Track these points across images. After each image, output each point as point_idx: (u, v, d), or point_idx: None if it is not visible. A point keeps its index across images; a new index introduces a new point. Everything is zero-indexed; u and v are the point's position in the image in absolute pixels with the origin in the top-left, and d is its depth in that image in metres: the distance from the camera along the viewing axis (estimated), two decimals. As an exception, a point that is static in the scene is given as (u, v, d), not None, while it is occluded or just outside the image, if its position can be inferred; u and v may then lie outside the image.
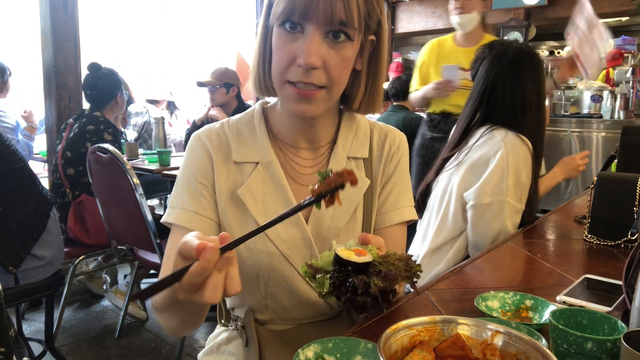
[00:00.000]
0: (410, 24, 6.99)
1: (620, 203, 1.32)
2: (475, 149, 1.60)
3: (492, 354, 0.59)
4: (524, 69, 1.59)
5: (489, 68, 1.63)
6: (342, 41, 0.79)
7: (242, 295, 0.96)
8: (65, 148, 2.67)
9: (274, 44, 0.81)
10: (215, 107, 3.33)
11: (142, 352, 2.46)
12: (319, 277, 0.69)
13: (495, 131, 1.58)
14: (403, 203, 1.01)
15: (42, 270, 1.94)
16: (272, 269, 0.91)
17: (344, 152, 0.96)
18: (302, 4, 0.74)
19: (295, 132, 0.94)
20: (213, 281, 0.54)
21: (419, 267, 0.71)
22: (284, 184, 0.92)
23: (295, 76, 0.79)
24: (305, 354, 0.69)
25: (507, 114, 1.59)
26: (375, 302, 0.66)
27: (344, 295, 0.66)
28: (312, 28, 0.76)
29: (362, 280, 0.65)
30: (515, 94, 1.58)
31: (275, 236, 0.90)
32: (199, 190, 0.90)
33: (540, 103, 1.63)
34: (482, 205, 1.52)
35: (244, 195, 0.90)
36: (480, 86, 1.65)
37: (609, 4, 5.42)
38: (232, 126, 0.95)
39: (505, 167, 1.51)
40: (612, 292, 0.93)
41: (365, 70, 0.88)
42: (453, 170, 1.65)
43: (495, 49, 1.65)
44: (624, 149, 1.94)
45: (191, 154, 0.93)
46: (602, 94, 4.66)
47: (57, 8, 3.00)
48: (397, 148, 1.01)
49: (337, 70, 0.80)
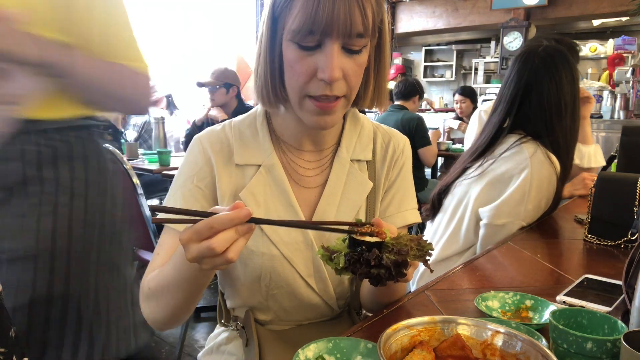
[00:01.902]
0: (410, 24, 7.00)
1: (620, 203, 1.32)
2: (501, 161, 1.52)
3: (492, 354, 0.59)
4: (559, 68, 1.50)
5: (520, 69, 1.54)
6: (359, 50, 0.78)
7: (242, 296, 0.96)
8: (65, 148, 2.67)
9: (288, 59, 0.79)
10: (215, 107, 3.33)
11: (142, 352, 2.45)
12: (334, 257, 0.72)
13: (524, 145, 1.50)
14: (406, 206, 1.00)
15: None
16: (273, 271, 0.91)
17: (348, 155, 0.95)
18: (323, 21, 0.72)
19: (300, 135, 0.93)
20: (239, 243, 0.63)
21: (430, 246, 0.73)
22: (286, 187, 0.91)
23: (317, 90, 0.78)
24: (305, 354, 0.69)
25: (541, 118, 1.50)
26: (389, 274, 0.69)
27: (358, 270, 0.69)
28: (330, 42, 0.75)
29: (374, 253, 0.68)
30: (550, 96, 1.48)
31: (277, 238, 0.90)
32: (193, 193, 0.90)
33: (576, 105, 1.54)
34: (496, 226, 1.47)
35: (246, 199, 0.89)
36: (511, 90, 1.55)
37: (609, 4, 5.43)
38: (234, 128, 0.94)
39: (527, 190, 1.45)
40: (612, 292, 0.93)
41: (372, 67, 0.87)
42: (474, 180, 1.58)
43: (526, 48, 1.57)
44: (624, 149, 1.94)
45: (190, 158, 0.93)
46: (602, 94, 4.66)
47: (57, 8, 3.00)
48: (401, 152, 1.01)
49: (355, 78, 0.80)
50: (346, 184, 0.94)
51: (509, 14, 6.10)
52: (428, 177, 4.11)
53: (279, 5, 0.77)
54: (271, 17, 0.80)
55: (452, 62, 9.45)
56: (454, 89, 6.10)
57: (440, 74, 9.72)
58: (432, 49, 9.64)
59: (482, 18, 6.39)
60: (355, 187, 0.95)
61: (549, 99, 1.49)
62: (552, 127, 1.50)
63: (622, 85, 4.35)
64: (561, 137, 1.50)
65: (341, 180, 0.94)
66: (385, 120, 3.64)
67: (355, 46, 0.77)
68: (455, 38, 8.94)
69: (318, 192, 0.94)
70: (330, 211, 0.93)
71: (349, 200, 0.94)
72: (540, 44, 1.56)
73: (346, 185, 0.94)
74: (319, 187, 0.94)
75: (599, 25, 7.23)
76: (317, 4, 0.72)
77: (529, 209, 1.47)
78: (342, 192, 0.94)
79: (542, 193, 1.47)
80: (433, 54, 9.72)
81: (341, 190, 0.94)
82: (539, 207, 1.49)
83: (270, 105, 0.88)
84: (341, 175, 0.94)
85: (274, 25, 0.80)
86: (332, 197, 0.93)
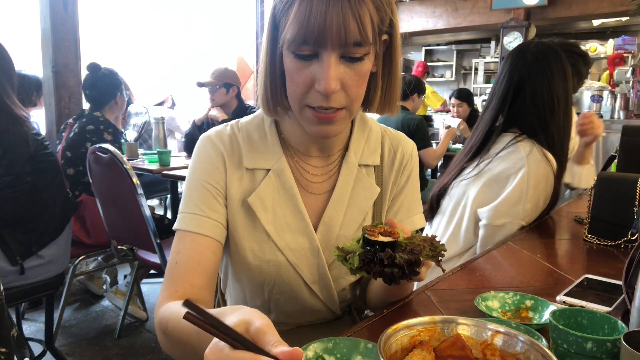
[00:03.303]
0: (410, 24, 6.99)
1: (620, 203, 1.32)
2: (497, 161, 1.51)
3: (492, 354, 0.59)
4: (551, 63, 1.50)
5: (512, 65, 1.53)
6: (359, 59, 0.75)
7: (244, 298, 0.96)
8: (65, 148, 2.67)
9: (287, 69, 0.77)
10: (215, 107, 3.33)
11: (142, 352, 2.45)
12: (349, 257, 0.72)
13: (520, 144, 1.49)
14: (415, 211, 1.00)
15: (46, 270, 1.95)
16: (278, 277, 0.90)
17: (356, 159, 0.94)
18: (315, 31, 0.70)
19: (307, 141, 0.91)
20: None
21: (443, 247, 0.73)
22: (295, 193, 0.90)
23: (315, 101, 0.76)
24: (305, 354, 0.69)
25: (534, 114, 1.49)
26: (402, 273, 0.69)
27: (372, 269, 0.69)
28: (326, 52, 0.72)
29: (387, 252, 0.69)
30: (543, 91, 1.48)
31: (284, 245, 0.89)
32: (212, 193, 0.87)
33: (568, 101, 1.54)
34: (495, 226, 1.47)
35: (254, 203, 0.88)
36: (503, 86, 1.55)
37: (609, 4, 5.43)
38: (242, 130, 0.92)
39: (524, 190, 1.44)
40: (612, 292, 0.92)
41: (381, 71, 0.84)
42: (471, 180, 1.57)
43: (519, 45, 1.57)
44: (624, 149, 1.93)
45: (203, 157, 0.90)
46: (602, 94, 4.66)
47: (57, 8, 3.01)
48: (410, 157, 1.00)
49: (355, 89, 0.77)
50: (353, 190, 0.93)
51: (509, 14, 6.10)
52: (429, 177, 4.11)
53: (278, 13, 0.75)
54: (272, 24, 0.78)
55: (452, 62, 9.45)
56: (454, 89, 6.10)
57: (440, 74, 9.72)
58: (432, 49, 9.63)
59: (482, 18, 6.39)
60: (362, 192, 0.94)
61: (542, 94, 1.49)
62: (546, 123, 1.50)
63: (622, 85, 4.35)
64: (555, 133, 1.50)
65: (348, 186, 0.93)
66: (386, 121, 3.63)
67: (355, 54, 0.74)
68: (455, 38, 8.94)
69: (325, 199, 0.93)
70: (337, 217, 0.92)
71: (355, 206, 0.93)
72: (532, 41, 1.57)
73: (353, 191, 0.93)
74: (327, 194, 0.93)
75: (599, 25, 7.23)
76: (308, 13, 0.69)
77: (528, 208, 1.46)
78: (349, 197, 0.93)
79: (539, 192, 1.47)
80: (433, 54, 9.72)
81: (348, 196, 0.93)
82: (537, 206, 1.49)
83: (272, 115, 0.87)
84: (349, 180, 0.93)
85: (275, 31, 0.78)
86: (339, 204, 0.92)
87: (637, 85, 4.29)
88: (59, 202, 1.98)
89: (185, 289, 0.80)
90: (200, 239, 0.84)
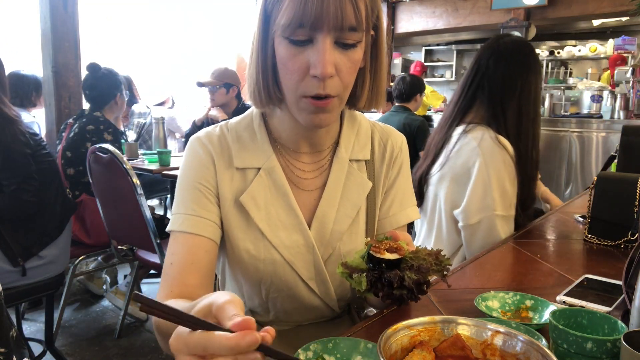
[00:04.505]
0: (410, 24, 6.99)
1: (620, 203, 1.32)
2: (454, 158, 1.51)
3: (492, 354, 0.59)
4: (520, 55, 1.50)
5: (480, 54, 1.54)
6: (352, 45, 0.76)
7: (242, 297, 0.96)
8: (65, 148, 2.67)
9: (281, 56, 0.77)
10: (215, 107, 3.33)
11: (142, 352, 2.45)
12: (355, 276, 0.71)
13: (470, 134, 1.48)
14: (408, 203, 1.00)
15: (46, 270, 1.95)
16: (274, 275, 0.90)
17: (347, 155, 0.94)
18: (312, 13, 0.70)
19: (298, 137, 0.92)
20: None
21: (449, 261, 0.74)
22: (287, 190, 0.90)
23: (312, 89, 0.76)
24: (306, 354, 0.69)
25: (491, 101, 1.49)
26: (411, 294, 0.69)
27: (380, 291, 0.69)
28: (322, 36, 0.73)
29: (396, 274, 0.68)
30: (504, 76, 1.47)
31: (279, 242, 0.89)
32: (203, 193, 0.88)
33: (537, 95, 1.53)
34: (472, 225, 1.46)
35: (247, 202, 0.88)
36: (464, 78, 1.55)
37: (609, 4, 5.43)
38: (231, 130, 0.93)
39: (486, 180, 1.43)
40: (612, 292, 0.92)
41: (368, 67, 0.86)
42: (437, 182, 1.56)
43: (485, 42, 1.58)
44: (624, 149, 1.93)
45: (194, 158, 0.90)
46: (602, 94, 4.66)
47: (57, 8, 3.01)
48: (400, 150, 1.00)
49: (348, 76, 0.78)
50: (345, 185, 0.94)
51: (509, 14, 6.10)
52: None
53: (270, 1, 0.76)
54: (263, 14, 0.78)
55: (452, 62, 9.45)
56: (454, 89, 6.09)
57: (440, 74, 9.72)
58: (432, 49, 9.63)
59: (482, 18, 6.39)
60: (354, 187, 0.94)
61: (497, 80, 1.49)
62: (501, 109, 1.48)
63: (622, 85, 4.35)
64: (511, 118, 1.48)
65: (340, 182, 0.93)
66: (388, 121, 3.63)
67: (348, 40, 0.75)
68: (455, 38, 8.94)
69: (317, 195, 0.93)
70: (330, 213, 0.92)
71: (348, 202, 0.94)
72: (500, 36, 1.58)
73: (345, 186, 0.94)
74: (318, 190, 0.93)
75: (599, 25, 7.23)
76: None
77: (496, 197, 1.43)
78: (341, 193, 0.93)
79: (502, 177, 1.44)
80: (433, 54, 9.72)
81: (340, 192, 0.93)
82: (506, 192, 1.45)
83: (263, 106, 0.87)
84: (340, 176, 0.93)
85: (266, 23, 0.78)
86: (332, 199, 0.93)
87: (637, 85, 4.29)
88: (58, 202, 1.98)
89: (181, 289, 0.81)
90: (194, 239, 0.85)
